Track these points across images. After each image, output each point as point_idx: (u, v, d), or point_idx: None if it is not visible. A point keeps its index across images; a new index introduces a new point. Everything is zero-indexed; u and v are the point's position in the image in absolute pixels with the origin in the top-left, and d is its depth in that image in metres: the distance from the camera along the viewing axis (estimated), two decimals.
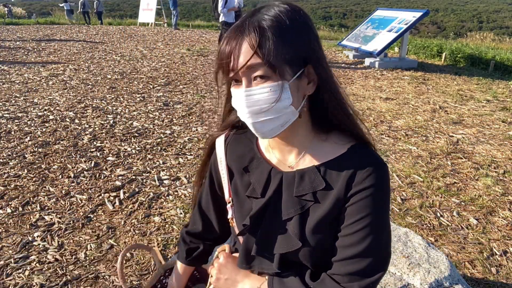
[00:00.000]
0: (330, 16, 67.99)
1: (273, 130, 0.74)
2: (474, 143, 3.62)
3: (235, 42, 0.69)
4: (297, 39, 0.71)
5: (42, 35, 11.84)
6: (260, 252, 0.85)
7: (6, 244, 2.16)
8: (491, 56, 7.52)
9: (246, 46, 0.68)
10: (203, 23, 19.10)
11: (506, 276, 1.96)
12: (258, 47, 0.67)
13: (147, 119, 4.25)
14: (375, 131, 3.95)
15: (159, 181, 2.89)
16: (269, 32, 0.69)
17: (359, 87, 5.75)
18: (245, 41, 0.69)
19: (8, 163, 3.13)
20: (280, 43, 0.68)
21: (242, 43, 0.69)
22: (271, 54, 0.68)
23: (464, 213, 2.51)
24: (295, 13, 0.72)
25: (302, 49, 0.72)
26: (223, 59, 0.71)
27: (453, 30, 41.62)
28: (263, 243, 0.85)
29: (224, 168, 0.92)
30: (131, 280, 1.92)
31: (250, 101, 0.71)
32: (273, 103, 0.71)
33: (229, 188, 0.92)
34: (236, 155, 0.92)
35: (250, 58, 0.68)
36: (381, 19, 8.10)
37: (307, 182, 0.80)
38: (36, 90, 5.38)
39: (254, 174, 0.87)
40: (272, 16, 0.70)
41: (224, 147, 0.94)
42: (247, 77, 0.70)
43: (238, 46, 0.69)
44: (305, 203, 0.81)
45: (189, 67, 7.14)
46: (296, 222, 0.80)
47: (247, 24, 0.70)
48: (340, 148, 0.81)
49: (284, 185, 0.82)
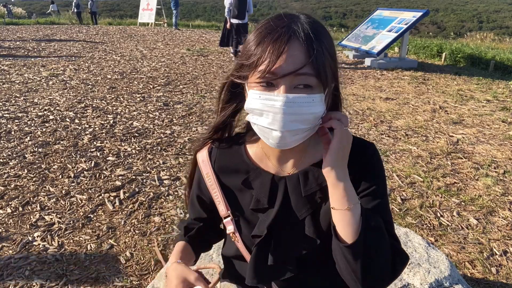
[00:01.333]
0: (330, 16, 67.99)
1: (296, 140, 0.73)
2: (474, 143, 3.62)
3: (284, 45, 0.66)
4: (335, 55, 0.74)
5: (42, 35, 11.84)
6: (277, 260, 0.84)
7: (6, 244, 2.16)
8: (491, 56, 7.52)
9: (301, 53, 0.67)
10: (203, 23, 19.09)
11: (506, 276, 1.96)
12: (314, 56, 0.67)
13: (147, 119, 4.25)
14: (375, 131, 3.95)
15: (159, 181, 2.89)
16: (322, 42, 0.69)
17: (359, 87, 5.75)
18: (299, 46, 0.67)
19: (8, 163, 3.13)
20: (329, 57, 0.70)
21: (294, 47, 0.67)
22: (323, 66, 0.68)
23: (464, 213, 2.51)
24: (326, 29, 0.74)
25: (337, 65, 0.75)
26: (261, 59, 0.68)
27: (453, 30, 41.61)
28: (280, 250, 0.83)
29: (214, 183, 0.89)
30: (131, 280, 1.92)
31: (291, 108, 0.68)
32: (312, 113, 0.70)
33: (225, 203, 0.89)
34: (229, 170, 0.88)
35: (304, 65, 0.66)
36: (381, 19, 8.10)
37: (312, 180, 0.81)
38: (36, 90, 5.38)
39: (255, 186, 0.85)
40: (317, 27, 0.70)
41: (210, 162, 0.90)
42: (290, 83, 0.68)
43: (291, 50, 0.66)
44: (315, 200, 0.81)
45: (189, 67, 7.14)
46: (310, 221, 0.81)
47: (294, 29, 0.68)
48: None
49: (290, 188, 0.82)
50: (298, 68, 0.66)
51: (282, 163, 0.85)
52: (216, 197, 0.89)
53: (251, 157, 0.88)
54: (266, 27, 0.71)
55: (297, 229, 0.82)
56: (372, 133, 3.89)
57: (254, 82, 0.71)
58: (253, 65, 0.70)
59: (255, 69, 0.70)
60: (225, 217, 0.89)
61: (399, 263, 0.76)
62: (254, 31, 0.74)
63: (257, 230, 0.84)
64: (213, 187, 0.89)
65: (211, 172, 0.89)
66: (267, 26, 0.71)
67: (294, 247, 0.83)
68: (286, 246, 0.83)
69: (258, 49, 0.69)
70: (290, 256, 0.84)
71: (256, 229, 0.84)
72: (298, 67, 0.66)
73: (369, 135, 3.83)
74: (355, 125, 4.14)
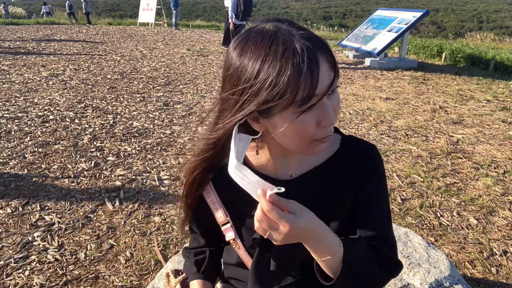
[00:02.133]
0: (330, 16, 67.98)
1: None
2: (474, 143, 3.62)
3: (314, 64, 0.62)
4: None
5: (42, 35, 11.84)
6: (279, 265, 0.83)
7: (6, 244, 2.16)
8: (491, 56, 7.52)
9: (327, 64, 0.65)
10: (203, 23, 19.10)
11: (506, 276, 1.96)
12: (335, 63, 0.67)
13: (147, 119, 4.25)
14: (375, 131, 3.95)
15: (159, 181, 2.89)
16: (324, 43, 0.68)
17: (359, 87, 5.75)
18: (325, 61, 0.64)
19: (8, 163, 3.13)
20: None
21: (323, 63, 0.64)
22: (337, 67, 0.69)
23: (464, 213, 2.51)
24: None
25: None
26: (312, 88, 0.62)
27: (453, 30, 41.61)
28: (282, 255, 0.82)
29: (210, 191, 0.86)
30: (131, 280, 1.92)
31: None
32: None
33: (223, 209, 0.86)
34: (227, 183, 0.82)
35: (334, 75, 0.66)
36: (381, 19, 8.10)
37: (314, 184, 0.81)
38: (36, 90, 5.38)
39: None
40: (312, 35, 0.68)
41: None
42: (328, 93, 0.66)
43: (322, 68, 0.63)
44: (318, 204, 0.79)
45: (189, 67, 7.14)
46: None
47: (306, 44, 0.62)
48: (332, 145, 0.84)
49: (292, 193, 0.81)
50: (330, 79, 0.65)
51: (282, 167, 0.83)
52: (213, 204, 0.86)
53: (249, 162, 0.85)
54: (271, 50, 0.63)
55: None
56: (372, 133, 3.89)
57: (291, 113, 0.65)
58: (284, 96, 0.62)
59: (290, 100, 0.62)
60: (224, 224, 0.87)
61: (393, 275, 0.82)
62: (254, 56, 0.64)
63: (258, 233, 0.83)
64: (209, 194, 0.86)
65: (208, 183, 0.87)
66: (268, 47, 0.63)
67: (297, 251, 0.81)
68: (288, 250, 0.82)
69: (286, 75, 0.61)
70: (292, 261, 0.83)
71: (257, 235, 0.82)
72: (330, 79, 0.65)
73: (369, 135, 3.83)
74: (355, 125, 4.14)
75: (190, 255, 1.02)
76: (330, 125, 0.68)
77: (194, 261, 1.00)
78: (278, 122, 0.67)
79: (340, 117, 4.35)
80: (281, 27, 0.66)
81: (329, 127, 0.69)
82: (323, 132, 0.69)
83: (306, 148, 0.71)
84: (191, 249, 1.03)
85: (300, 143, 0.70)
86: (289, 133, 0.67)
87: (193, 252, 1.01)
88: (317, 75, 0.62)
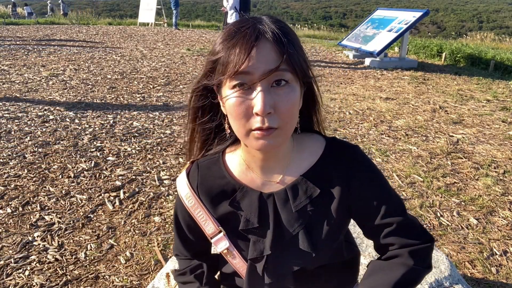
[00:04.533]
0: (330, 16, 67.94)
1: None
2: (474, 143, 3.62)
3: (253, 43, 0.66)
4: (304, 52, 0.73)
5: (42, 35, 11.84)
6: (273, 277, 0.82)
7: (6, 244, 2.16)
8: (491, 56, 7.52)
9: (271, 50, 0.66)
10: (203, 23, 19.09)
11: (506, 276, 1.96)
12: (286, 52, 0.66)
13: (147, 119, 4.26)
14: (375, 131, 3.95)
15: (159, 181, 2.89)
16: (290, 37, 0.69)
17: (359, 87, 5.75)
18: (268, 44, 0.66)
19: (8, 163, 3.13)
20: (300, 52, 0.70)
21: (264, 46, 0.66)
22: (295, 60, 0.68)
23: (464, 213, 2.51)
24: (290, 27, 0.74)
25: (307, 62, 0.74)
26: (239, 62, 0.66)
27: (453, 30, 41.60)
28: (275, 268, 0.82)
29: (196, 203, 0.84)
30: (131, 280, 1.92)
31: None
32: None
33: (213, 220, 0.84)
34: (213, 190, 0.84)
35: (281, 63, 0.66)
36: (381, 19, 8.09)
37: (301, 194, 0.79)
38: (36, 90, 5.38)
39: (243, 206, 0.82)
40: (283, 25, 0.70)
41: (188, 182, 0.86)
42: (268, 82, 0.67)
43: (260, 49, 0.66)
44: (307, 214, 0.79)
45: (189, 67, 7.14)
46: (303, 235, 0.79)
47: (260, 28, 0.67)
48: (317, 150, 0.83)
49: (279, 205, 0.80)
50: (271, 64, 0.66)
51: (267, 173, 0.82)
52: (201, 217, 0.84)
53: (232, 173, 0.84)
54: (230, 31, 0.70)
55: (291, 245, 0.81)
56: (372, 133, 3.89)
57: (228, 89, 0.69)
58: (223, 69, 0.68)
59: (225, 73, 0.68)
60: (216, 235, 0.84)
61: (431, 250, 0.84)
62: (219, 36, 0.72)
63: (254, 253, 0.81)
64: (195, 207, 0.84)
65: (191, 192, 0.85)
66: (230, 29, 0.70)
67: (289, 263, 0.81)
68: (281, 263, 0.82)
69: (226, 51, 0.68)
70: (286, 272, 0.82)
71: (253, 252, 0.81)
72: (271, 65, 0.65)
73: (369, 135, 3.83)
74: (355, 125, 4.14)
75: (186, 274, 0.95)
76: (259, 113, 0.66)
77: (193, 277, 0.94)
78: (223, 97, 0.72)
79: (340, 117, 4.36)
80: (257, 17, 0.71)
81: (260, 118, 0.67)
82: (255, 121, 0.67)
83: (247, 139, 0.71)
84: (184, 268, 0.96)
85: (240, 129, 0.70)
86: (231, 113, 0.70)
87: (188, 270, 0.95)
88: (246, 53, 0.65)
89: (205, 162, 0.87)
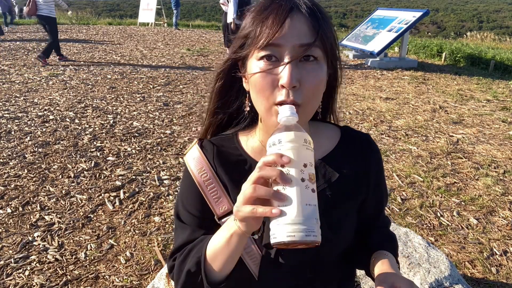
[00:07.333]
0: (330, 16, 67.78)
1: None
2: (474, 143, 3.62)
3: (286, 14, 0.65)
4: (335, 31, 0.73)
5: (42, 35, 11.83)
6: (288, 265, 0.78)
7: (6, 244, 2.16)
8: (491, 56, 7.51)
9: (304, 24, 0.66)
10: (203, 23, 19.08)
11: (506, 276, 1.96)
12: (320, 29, 0.66)
13: (147, 119, 4.25)
14: (375, 131, 3.95)
15: (159, 181, 2.89)
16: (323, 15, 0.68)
17: (359, 87, 5.75)
18: (302, 18, 0.66)
19: (8, 163, 3.13)
20: (332, 30, 0.70)
21: (297, 18, 0.66)
22: (327, 37, 0.68)
23: (464, 213, 2.51)
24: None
25: (336, 42, 0.73)
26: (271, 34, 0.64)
27: (453, 30, 41.58)
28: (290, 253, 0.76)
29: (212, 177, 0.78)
30: (131, 280, 1.92)
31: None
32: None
33: (228, 198, 0.78)
34: (228, 164, 0.80)
35: (316, 38, 0.65)
36: (381, 19, 8.09)
37: (320, 177, 0.79)
38: (36, 90, 5.38)
39: None
40: (315, 1, 0.70)
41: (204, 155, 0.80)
42: (296, 55, 0.65)
43: (294, 21, 0.65)
44: (325, 197, 0.78)
45: (189, 67, 7.14)
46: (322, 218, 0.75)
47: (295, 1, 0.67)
48: (334, 136, 0.85)
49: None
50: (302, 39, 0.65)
51: None
52: (214, 195, 0.78)
53: (247, 152, 0.81)
54: (264, 3, 0.69)
55: None
56: (372, 133, 3.89)
57: (256, 59, 0.68)
58: (253, 41, 0.67)
59: (256, 45, 0.67)
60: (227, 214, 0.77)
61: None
62: (251, 10, 0.71)
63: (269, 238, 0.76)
64: (209, 182, 0.78)
65: (207, 166, 0.79)
66: (264, 2, 0.70)
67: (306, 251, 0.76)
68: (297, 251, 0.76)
69: (258, 23, 0.67)
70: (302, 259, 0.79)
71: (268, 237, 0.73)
72: (302, 39, 0.64)
73: None
74: (355, 125, 4.14)
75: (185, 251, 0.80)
76: (285, 85, 0.64)
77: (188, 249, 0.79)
78: (248, 71, 0.70)
79: (340, 117, 4.34)
80: None
81: (285, 91, 0.65)
82: (279, 93, 0.66)
83: (268, 114, 0.69)
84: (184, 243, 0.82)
85: (263, 103, 0.68)
86: (255, 85, 0.68)
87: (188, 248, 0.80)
88: (279, 23, 0.64)
89: (217, 139, 0.84)
